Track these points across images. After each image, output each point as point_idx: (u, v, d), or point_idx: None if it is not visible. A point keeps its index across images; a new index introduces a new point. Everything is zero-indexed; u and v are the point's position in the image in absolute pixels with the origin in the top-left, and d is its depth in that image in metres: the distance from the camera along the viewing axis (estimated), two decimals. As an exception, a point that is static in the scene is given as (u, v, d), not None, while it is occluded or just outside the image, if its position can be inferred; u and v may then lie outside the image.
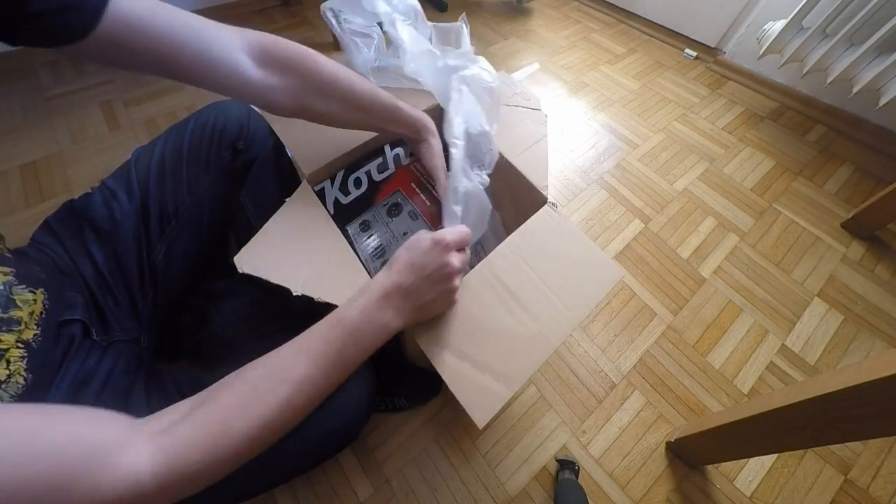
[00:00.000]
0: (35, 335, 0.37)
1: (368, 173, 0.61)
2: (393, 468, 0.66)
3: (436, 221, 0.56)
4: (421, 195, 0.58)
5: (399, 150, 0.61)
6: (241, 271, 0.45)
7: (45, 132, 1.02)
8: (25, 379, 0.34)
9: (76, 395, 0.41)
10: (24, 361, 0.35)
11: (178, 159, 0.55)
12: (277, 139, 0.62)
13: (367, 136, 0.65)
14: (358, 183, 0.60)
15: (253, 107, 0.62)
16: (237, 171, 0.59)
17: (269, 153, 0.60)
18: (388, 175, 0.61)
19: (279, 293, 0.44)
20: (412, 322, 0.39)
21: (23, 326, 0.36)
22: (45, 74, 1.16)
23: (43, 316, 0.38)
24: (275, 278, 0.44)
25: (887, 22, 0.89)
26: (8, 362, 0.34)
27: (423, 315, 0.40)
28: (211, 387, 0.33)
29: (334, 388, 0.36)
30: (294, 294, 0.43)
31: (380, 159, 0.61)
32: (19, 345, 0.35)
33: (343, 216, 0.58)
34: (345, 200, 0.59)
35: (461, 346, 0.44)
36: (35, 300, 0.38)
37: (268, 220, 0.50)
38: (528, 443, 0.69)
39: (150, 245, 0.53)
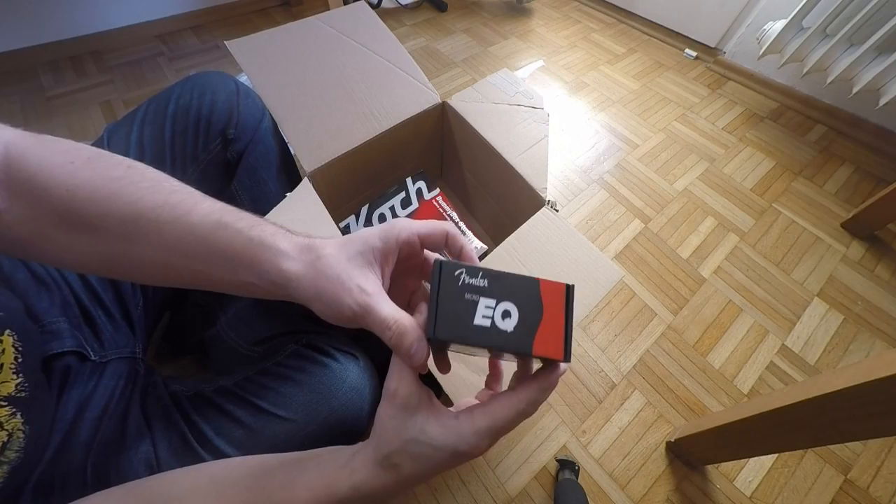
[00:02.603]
0: (18, 384, 0.31)
1: (392, 209, 0.61)
2: (393, 468, 0.65)
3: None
4: None
5: (421, 184, 0.62)
6: None
7: (46, 132, 1.02)
8: (24, 432, 0.31)
9: (76, 424, 0.38)
10: (18, 416, 0.30)
11: (160, 147, 0.48)
12: (270, 119, 0.57)
13: (369, 133, 0.65)
14: (383, 220, 0.61)
15: (241, 81, 0.55)
16: (228, 162, 0.54)
17: (261, 137, 0.55)
18: (411, 212, 0.61)
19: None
20: None
21: None
22: (45, 74, 1.16)
23: (20, 361, 0.32)
24: None
25: (887, 22, 0.89)
26: (1, 425, 0.29)
27: None
28: None
29: None
30: None
31: (403, 194, 0.62)
32: (2, 402, 0.30)
33: None
34: None
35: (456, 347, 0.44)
36: (3, 349, 0.31)
37: (262, 210, 0.48)
38: (528, 443, 0.69)
39: None
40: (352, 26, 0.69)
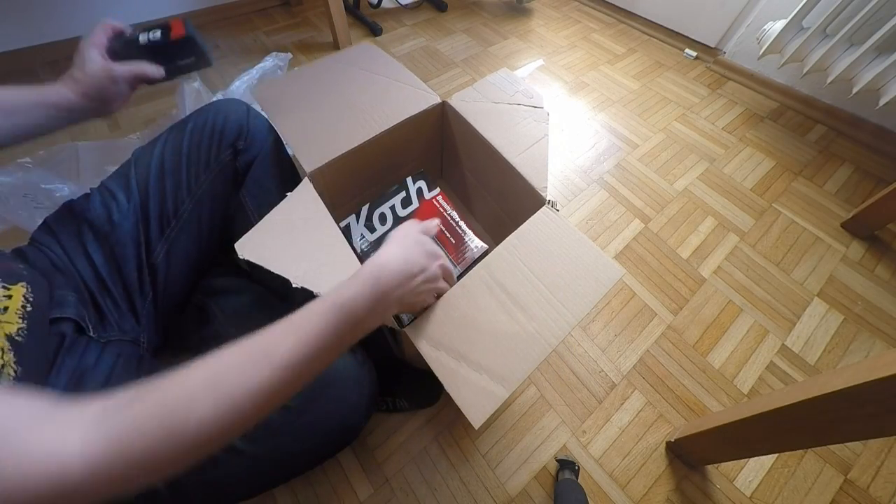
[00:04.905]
0: (19, 328, 0.36)
1: (393, 208, 0.63)
2: (393, 468, 0.65)
3: (459, 260, 0.58)
4: (445, 233, 0.60)
5: (421, 183, 0.64)
6: (241, 257, 0.45)
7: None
8: (16, 371, 0.34)
9: (75, 390, 0.40)
10: (12, 354, 0.34)
11: (177, 159, 0.55)
12: (277, 138, 0.63)
13: (369, 131, 0.65)
14: (383, 219, 0.62)
15: (251, 105, 0.62)
16: (237, 171, 0.59)
17: (268, 151, 0.61)
18: (412, 211, 0.63)
19: (282, 292, 0.44)
20: (399, 311, 0.43)
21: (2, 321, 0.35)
22: (45, 74, 1.16)
23: (28, 310, 0.38)
24: (274, 267, 0.45)
25: (887, 22, 0.89)
26: None
27: (411, 306, 0.43)
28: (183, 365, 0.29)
29: (318, 373, 0.33)
30: (293, 285, 0.43)
31: (403, 193, 0.64)
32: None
33: (369, 256, 0.60)
34: (371, 237, 0.60)
35: (457, 346, 0.44)
36: (10, 295, 0.37)
37: None
38: (528, 443, 0.69)
39: (150, 246, 0.53)
40: (356, 59, 0.75)
